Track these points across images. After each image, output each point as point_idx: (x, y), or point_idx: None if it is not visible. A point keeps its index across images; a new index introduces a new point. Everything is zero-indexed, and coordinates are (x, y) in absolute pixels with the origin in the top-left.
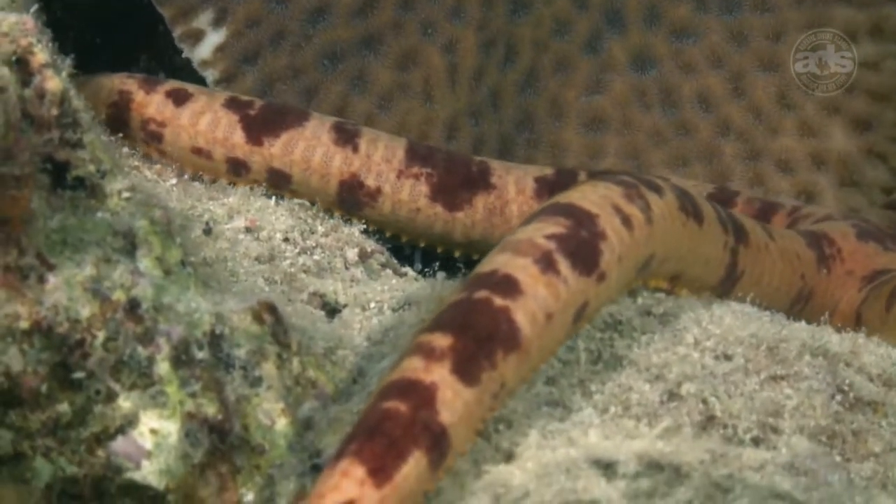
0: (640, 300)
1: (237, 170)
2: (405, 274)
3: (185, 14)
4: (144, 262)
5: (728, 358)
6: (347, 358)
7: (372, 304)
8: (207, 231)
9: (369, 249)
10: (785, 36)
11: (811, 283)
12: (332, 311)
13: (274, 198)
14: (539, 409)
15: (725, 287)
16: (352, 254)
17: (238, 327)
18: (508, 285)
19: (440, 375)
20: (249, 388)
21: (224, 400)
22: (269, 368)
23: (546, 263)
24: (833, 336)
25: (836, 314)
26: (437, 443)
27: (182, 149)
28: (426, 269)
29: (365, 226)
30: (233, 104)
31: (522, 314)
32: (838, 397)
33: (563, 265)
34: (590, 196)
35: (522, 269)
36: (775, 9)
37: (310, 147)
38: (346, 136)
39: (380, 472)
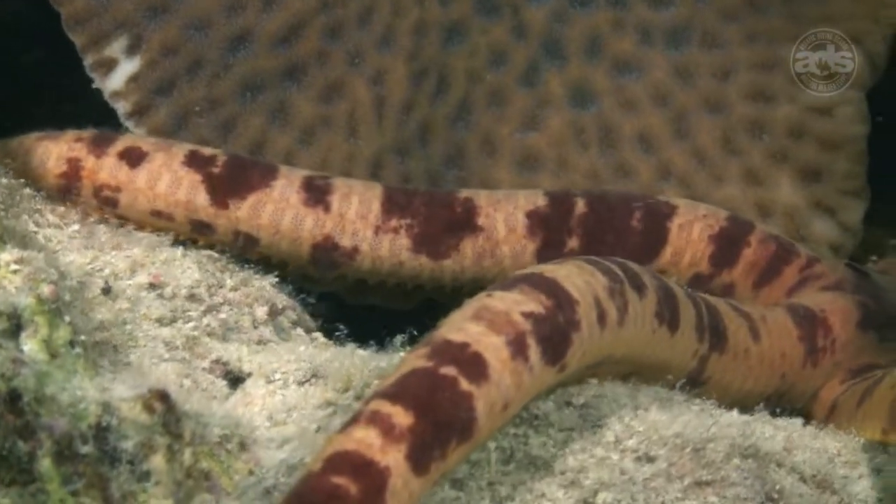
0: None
1: (201, 230)
2: (315, 339)
3: (97, 41)
4: (29, 345)
5: (650, 460)
6: (244, 447)
7: (277, 376)
8: (107, 290)
9: (280, 306)
10: (733, 75)
11: (791, 380)
12: (234, 380)
13: (181, 248)
14: None
15: (686, 387)
16: (261, 311)
17: (126, 417)
18: (477, 367)
19: (395, 460)
20: (136, 483)
21: (108, 498)
22: (158, 461)
23: (517, 347)
24: (766, 429)
25: (813, 400)
26: None
27: (140, 212)
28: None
29: (277, 278)
30: (193, 161)
31: (483, 403)
32: None
33: (534, 352)
34: (575, 280)
35: (494, 350)
36: (725, 45)
37: (278, 210)
38: (316, 195)
39: None
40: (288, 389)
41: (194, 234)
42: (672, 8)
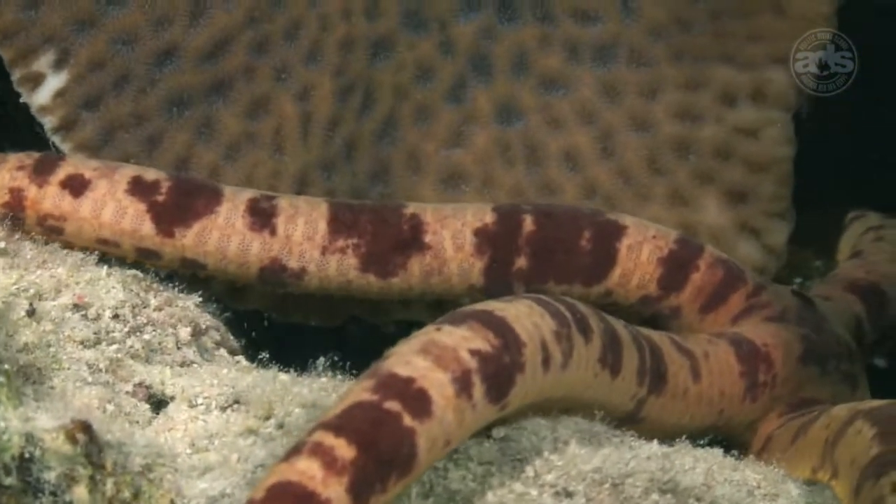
0: None
1: (147, 257)
2: (238, 361)
3: (24, 56)
4: None
5: (569, 495)
6: (166, 476)
7: (199, 400)
8: (31, 312)
9: (204, 326)
10: (660, 94)
11: (729, 415)
12: (157, 402)
13: (106, 267)
14: None
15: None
16: (184, 332)
17: (49, 448)
18: (421, 403)
19: (336, 493)
20: None
21: None
22: (80, 492)
23: (462, 385)
24: (687, 461)
25: (750, 431)
26: None
27: (86, 240)
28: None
29: (201, 298)
30: (137, 189)
31: (425, 440)
32: None
33: (478, 390)
34: (524, 321)
35: (439, 387)
36: (652, 63)
37: (224, 236)
38: (262, 219)
39: None
40: (210, 415)
41: (140, 259)
42: (599, 24)
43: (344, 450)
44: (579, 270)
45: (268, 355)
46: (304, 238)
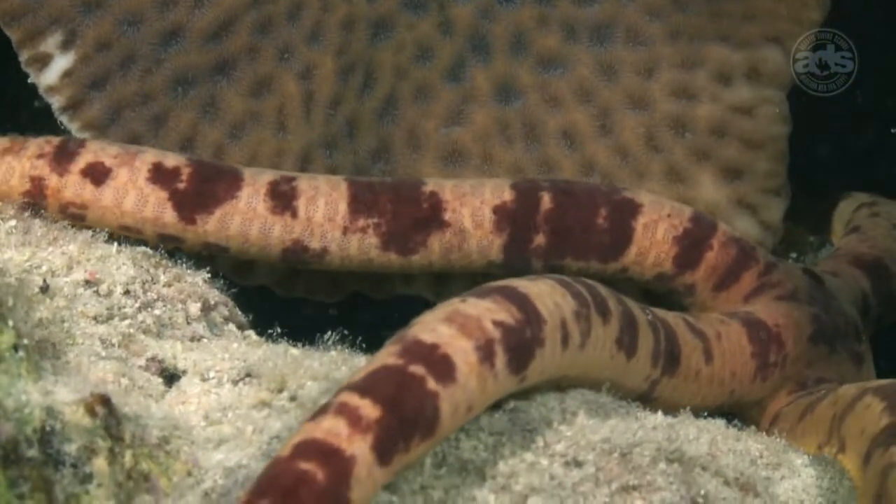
0: None
1: (170, 242)
2: (248, 336)
3: (32, 37)
4: None
5: (579, 465)
6: (182, 448)
7: (211, 374)
8: (45, 289)
9: (212, 301)
10: (657, 73)
11: (740, 395)
12: (170, 376)
13: (116, 244)
14: None
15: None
16: (194, 308)
17: (69, 421)
18: (445, 368)
19: (361, 450)
20: (79, 485)
21: (53, 500)
22: (100, 464)
23: (485, 353)
24: (691, 431)
25: (759, 408)
26: None
27: (109, 226)
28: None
29: (209, 274)
30: (158, 176)
31: (448, 404)
32: None
33: (500, 359)
34: (546, 299)
35: (463, 354)
36: (648, 43)
37: (246, 221)
38: (283, 202)
39: None
40: (223, 388)
41: (163, 244)
42: (596, 4)
43: (369, 409)
44: (596, 248)
45: (277, 331)
46: (325, 219)
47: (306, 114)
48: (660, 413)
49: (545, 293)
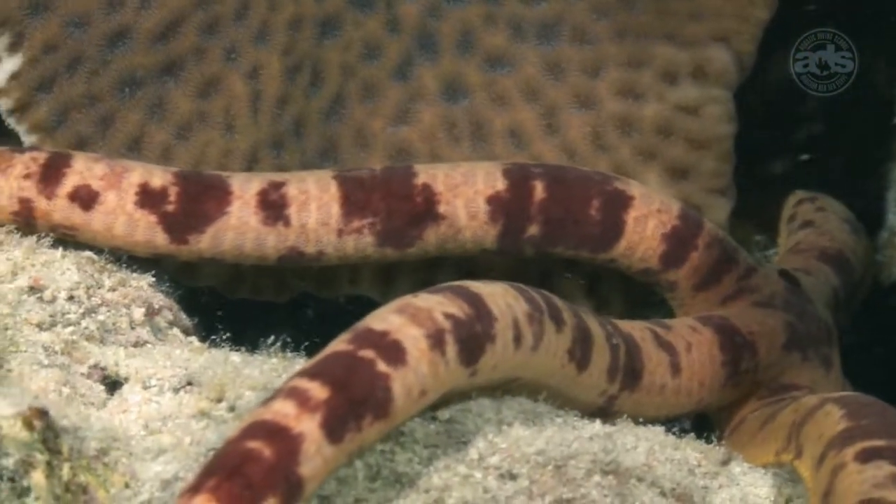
0: None
1: (164, 259)
2: (191, 342)
3: None
4: None
5: (513, 478)
6: (121, 460)
7: (153, 382)
8: None
9: (157, 306)
10: (603, 71)
11: (708, 402)
12: (112, 384)
13: (61, 249)
14: None
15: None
16: (138, 313)
17: (7, 435)
18: (395, 352)
19: (309, 428)
20: (17, 499)
21: None
22: (37, 477)
23: (436, 341)
24: (629, 440)
25: (728, 412)
26: (293, 494)
27: (101, 246)
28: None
29: (154, 278)
30: (146, 200)
31: (400, 385)
32: None
33: (451, 348)
34: (498, 300)
35: (413, 340)
36: (595, 42)
37: (239, 235)
38: (274, 212)
39: None
40: (163, 397)
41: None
42: (544, 3)
43: (318, 391)
44: (587, 239)
45: (221, 336)
46: (318, 224)
47: (254, 114)
48: (598, 422)
49: (497, 294)
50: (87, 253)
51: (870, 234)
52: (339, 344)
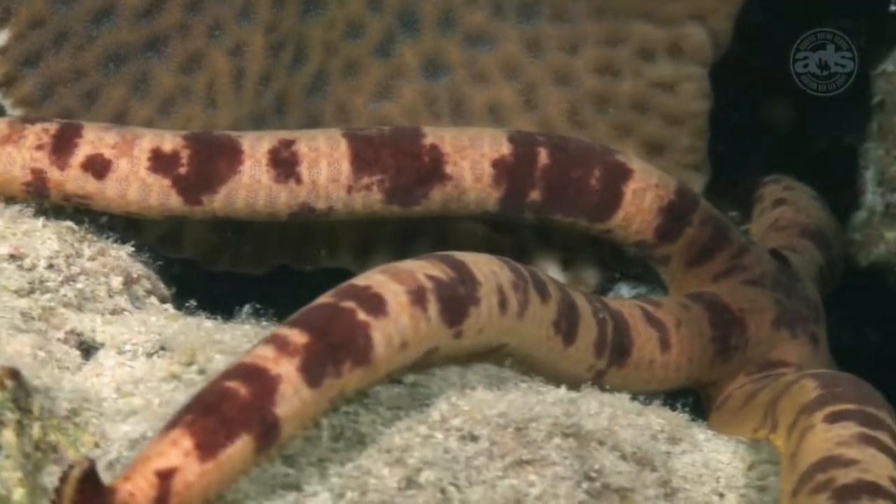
0: None
1: (178, 219)
2: (167, 309)
3: None
4: None
5: (473, 439)
6: (91, 420)
7: (127, 347)
8: None
9: (135, 275)
10: (581, 49)
11: (697, 377)
12: (87, 349)
13: (42, 218)
14: (273, 492)
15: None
16: (116, 281)
17: None
18: (376, 303)
19: (286, 370)
20: None
21: None
22: (8, 436)
23: (417, 297)
24: (592, 405)
25: (714, 386)
26: (268, 432)
27: (114, 212)
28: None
29: (133, 248)
30: (159, 165)
31: (381, 335)
32: (585, 485)
33: (432, 307)
34: (482, 267)
35: (394, 294)
36: (574, 20)
37: (251, 193)
38: (285, 169)
39: (206, 448)
40: (137, 361)
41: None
42: None
43: (297, 337)
44: (586, 208)
45: (195, 303)
46: (328, 181)
47: (236, 90)
48: (562, 388)
49: (481, 262)
50: (68, 223)
51: (848, 214)
52: (322, 298)
